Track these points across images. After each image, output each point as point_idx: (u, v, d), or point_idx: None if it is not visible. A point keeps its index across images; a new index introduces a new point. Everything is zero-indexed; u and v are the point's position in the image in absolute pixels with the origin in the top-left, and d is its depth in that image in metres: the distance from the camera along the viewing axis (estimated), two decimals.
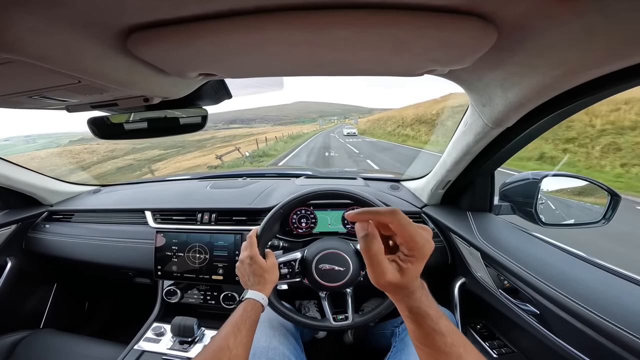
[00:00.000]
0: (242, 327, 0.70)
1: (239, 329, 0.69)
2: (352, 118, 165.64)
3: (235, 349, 0.65)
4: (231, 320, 0.72)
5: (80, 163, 26.23)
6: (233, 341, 0.66)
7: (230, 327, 0.69)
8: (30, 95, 0.57)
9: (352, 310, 0.99)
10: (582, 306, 0.66)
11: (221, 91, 0.83)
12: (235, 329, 0.69)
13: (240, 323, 0.71)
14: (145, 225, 1.41)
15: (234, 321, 0.71)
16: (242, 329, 0.70)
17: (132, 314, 1.62)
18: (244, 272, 0.87)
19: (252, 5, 0.39)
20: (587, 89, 0.57)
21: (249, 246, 0.89)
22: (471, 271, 1.08)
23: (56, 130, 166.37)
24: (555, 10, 0.40)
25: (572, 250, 0.89)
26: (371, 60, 0.55)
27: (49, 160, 25.82)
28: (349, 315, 0.98)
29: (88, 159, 28.11)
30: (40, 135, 77.10)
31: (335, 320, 0.98)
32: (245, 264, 0.87)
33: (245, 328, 0.70)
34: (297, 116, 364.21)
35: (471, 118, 0.88)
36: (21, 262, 1.49)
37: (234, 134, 34.12)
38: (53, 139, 63.02)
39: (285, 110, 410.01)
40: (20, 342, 1.16)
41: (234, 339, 0.66)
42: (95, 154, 30.49)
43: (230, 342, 0.65)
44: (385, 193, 1.47)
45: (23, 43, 0.37)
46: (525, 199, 1.10)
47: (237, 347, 0.65)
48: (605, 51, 0.46)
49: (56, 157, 29.48)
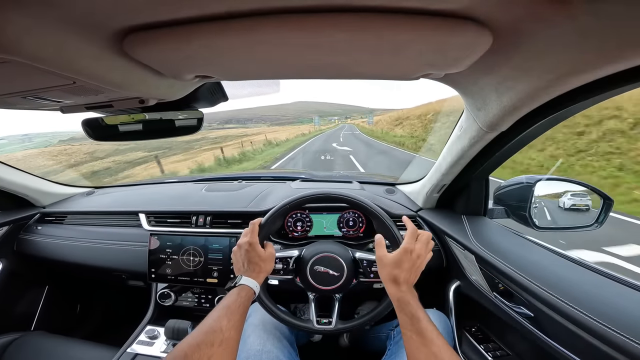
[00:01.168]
0: (235, 311, 0.69)
1: (232, 312, 0.68)
2: (365, 116, 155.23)
3: (228, 332, 0.64)
4: (224, 303, 0.70)
5: (54, 166, 24.52)
6: (226, 324, 0.64)
7: (223, 310, 0.68)
8: (24, 96, 0.56)
9: (337, 316, 0.99)
10: (576, 309, 0.66)
11: (217, 93, 0.83)
12: (229, 312, 0.68)
13: (234, 307, 0.70)
14: (139, 228, 1.40)
15: (227, 304, 0.70)
16: (235, 312, 0.69)
17: (125, 316, 1.60)
18: (239, 257, 0.86)
19: (249, 7, 0.39)
20: (580, 93, 0.58)
21: (250, 232, 0.88)
22: (466, 274, 1.08)
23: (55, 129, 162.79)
24: (549, 14, 0.41)
25: (566, 254, 0.89)
26: (367, 64, 0.55)
27: (24, 163, 24.00)
28: (333, 320, 0.98)
29: (65, 161, 26.90)
30: (38, 134, 75.75)
31: (319, 323, 0.98)
32: (243, 249, 0.86)
33: (238, 312, 0.69)
34: (296, 116, 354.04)
35: (466, 122, 0.88)
36: (12, 264, 1.47)
37: (227, 135, 32.12)
38: (49, 138, 61.49)
39: (283, 110, 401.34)
40: (11, 344, 1.14)
41: (227, 321, 0.65)
42: (74, 155, 29.24)
43: (223, 325, 0.64)
44: (381, 197, 1.47)
45: (18, 43, 0.37)
46: (519, 203, 1.11)
47: (229, 329, 0.64)
48: (599, 54, 0.47)
49: (33, 158, 27.75)
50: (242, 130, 59.35)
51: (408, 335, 0.68)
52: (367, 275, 1.01)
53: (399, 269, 0.78)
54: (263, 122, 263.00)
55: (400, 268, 0.78)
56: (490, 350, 1.01)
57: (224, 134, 27.81)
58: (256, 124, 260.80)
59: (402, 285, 0.76)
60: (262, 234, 0.92)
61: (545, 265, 0.85)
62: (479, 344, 1.04)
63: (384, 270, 0.81)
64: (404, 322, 0.70)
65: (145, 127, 0.84)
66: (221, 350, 0.60)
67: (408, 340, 0.67)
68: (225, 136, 31.14)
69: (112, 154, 27.96)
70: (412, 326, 0.68)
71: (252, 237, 0.87)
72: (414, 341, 0.66)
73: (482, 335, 1.09)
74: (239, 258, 0.86)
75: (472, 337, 1.08)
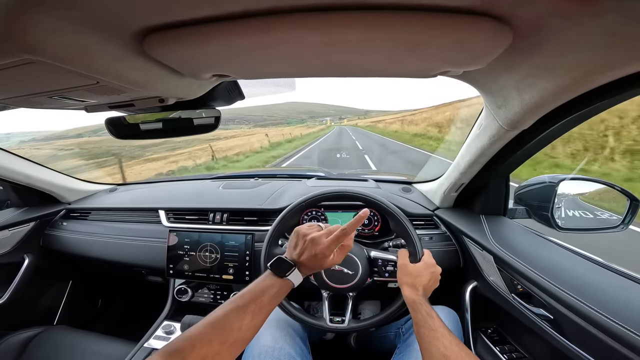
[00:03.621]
0: (264, 308, 0.63)
1: (260, 311, 0.62)
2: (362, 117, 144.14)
3: (246, 332, 0.59)
4: (257, 293, 0.65)
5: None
6: (248, 322, 0.60)
7: (253, 305, 0.62)
8: (50, 95, 0.58)
9: (350, 315, 0.99)
10: (599, 312, 0.64)
11: (234, 92, 0.84)
12: (256, 309, 0.62)
13: (266, 304, 0.64)
14: (158, 224, 1.43)
15: (260, 297, 0.64)
16: (262, 311, 0.63)
17: (144, 312, 1.64)
18: (312, 247, 0.72)
19: (265, 6, 0.39)
20: (606, 91, 0.56)
21: (346, 234, 0.73)
22: (483, 275, 1.06)
23: (14, 129, 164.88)
24: (572, 11, 0.39)
25: (589, 255, 0.86)
26: (384, 62, 0.55)
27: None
28: (346, 319, 0.98)
29: None
30: (24, 133, 74.92)
31: (332, 321, 0.98)
32: (324, 244, 0.72)
33: (265, 311, 0.64)
34: (284, 117, 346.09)
35: (485, 120, 0.87)
36: (38, 259, 1.53)
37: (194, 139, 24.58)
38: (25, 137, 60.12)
39: (273, 110, 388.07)
40: (33, 338, 1.18)
41: (250, 320, 0.60)
42: (35, 159, 27.14)
43: (244, 323, 0.59)
44: (397, 195, 1.46)
45: (42, 44, 0.38)
46: (541, 203, 1.08)
47: (248, 330, 0.59)
48: (624, 52, 0.45)
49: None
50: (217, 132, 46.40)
51: (421, 332, 0.72)
52: (381, 274, 1.00)
53: (419, 277, 0.87)
54: (246, 123, 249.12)
55: (420, 276, 0.87)
56: (507, 352, 0.99)
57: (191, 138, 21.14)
58: (238, 125, 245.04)
59: (419, 290, 0.84)
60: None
61: (566, 267, 0.82)
62: (495, 346, 1.02)
63: (404, 277, 0.88)
64: (418, 321, 0.75)
65: (165, 125, 0.86)
66: (232, 349, 0.57)
67: (421, 337, 0.72)
68: (191, 140, 25.28)
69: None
70: (425, 323, 0.73)
71: (346, 241, 0.76)
72: (426, 336, 0.71)
73: (499, 337, 1.07)
74: (310, 247, 0.72)
75: (488, 339, 1.06)
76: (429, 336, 0.70)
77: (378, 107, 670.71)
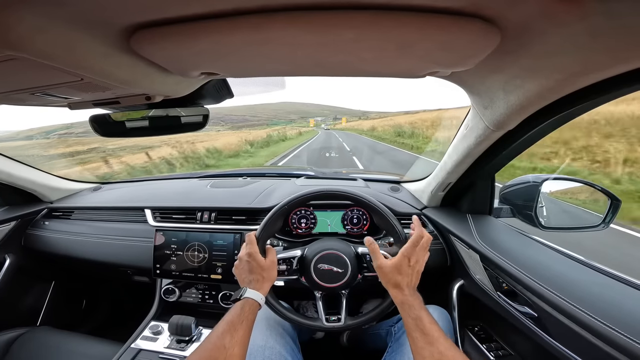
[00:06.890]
0: (238, 327, 0.69)
1: (235, 329, 0.68)
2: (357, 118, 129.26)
3: (232, 348, 0.64)
4: (227, 319, 0.71)
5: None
6: (229, 340, 0.65)
7: (226, 326, 0.69)
8: (32, 92, 0.57)
9: (346, 313, 0.99)
10: (581, 309, 0.66)
11: (223, 90, 0.83)
12: (232, 328, 0.68)
13: (237, 322, 0.70)
14: (144, 224, 1.41)
15: (230, 319, 0.71)
16: (238, 328, 0.69)
17: (130, 312, 1.61)
18: (242, 270, 0.86)
19: (257, 4, 0.39)
20: (589, 93, 0.57)
21: (249, 244, 0.89)
22: (470, 273, 1.08)
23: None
24: (559, 13, 0.40)
25: (571, 254, 0.89)
26: (374, 61, 0.55)
27: None
28: (342, 317, 0.98)
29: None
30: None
31: (328, 321, 0.98)
32: (244, 261, 0.86)
33: (242, 328, 0.70)
34: (269, 117, 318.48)
35: (472, 120, 0.88)
36: (20, 259, 1.49)
37: (141, 144, 18.05)
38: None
39: (257, 110, 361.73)
40: (17, 339, 1.15)
41: (230, 338, 0.66)
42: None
43: (226, 342, 0.65)
44: (385, 194, 1.47)
45: (27, 41, 0.37)
46: (525, 202, 1.10)
47: (233, 346, 0.65)
48: (608, 54, 0.46)
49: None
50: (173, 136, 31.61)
51: (413, 335, 0.69)
52: (371, 269, 1.01)
53: (400, 274, 0.80)
54: (222, 124, 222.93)
55: (400, 274, 0.80)
56: (493, 349, 1.01)
57: (136, 143, 19.07)
58: (212, 125, 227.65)
59: (404, 289, 0.78)
60: (260, 242, 0.92)
61: (550, 265, 0.84)
62: (482, 343, 1.04)
63: (385, 278, 0.82)
64: (409, 324, 0.72)
65: (152, 123, 0.84)
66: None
67: (413, 340, 0.69)
68: (133, 146, 19.82)
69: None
70: (417, 327, 0.70)
71: (250, 248, 0.87)
72: (418, 341, 0.68)
73: (485, 335, 1.09)
74: (241, 271, 0.86)
75: (475, 337, 1.08)
76: (422, 340, 0.67)
77: (376, 109, 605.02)
